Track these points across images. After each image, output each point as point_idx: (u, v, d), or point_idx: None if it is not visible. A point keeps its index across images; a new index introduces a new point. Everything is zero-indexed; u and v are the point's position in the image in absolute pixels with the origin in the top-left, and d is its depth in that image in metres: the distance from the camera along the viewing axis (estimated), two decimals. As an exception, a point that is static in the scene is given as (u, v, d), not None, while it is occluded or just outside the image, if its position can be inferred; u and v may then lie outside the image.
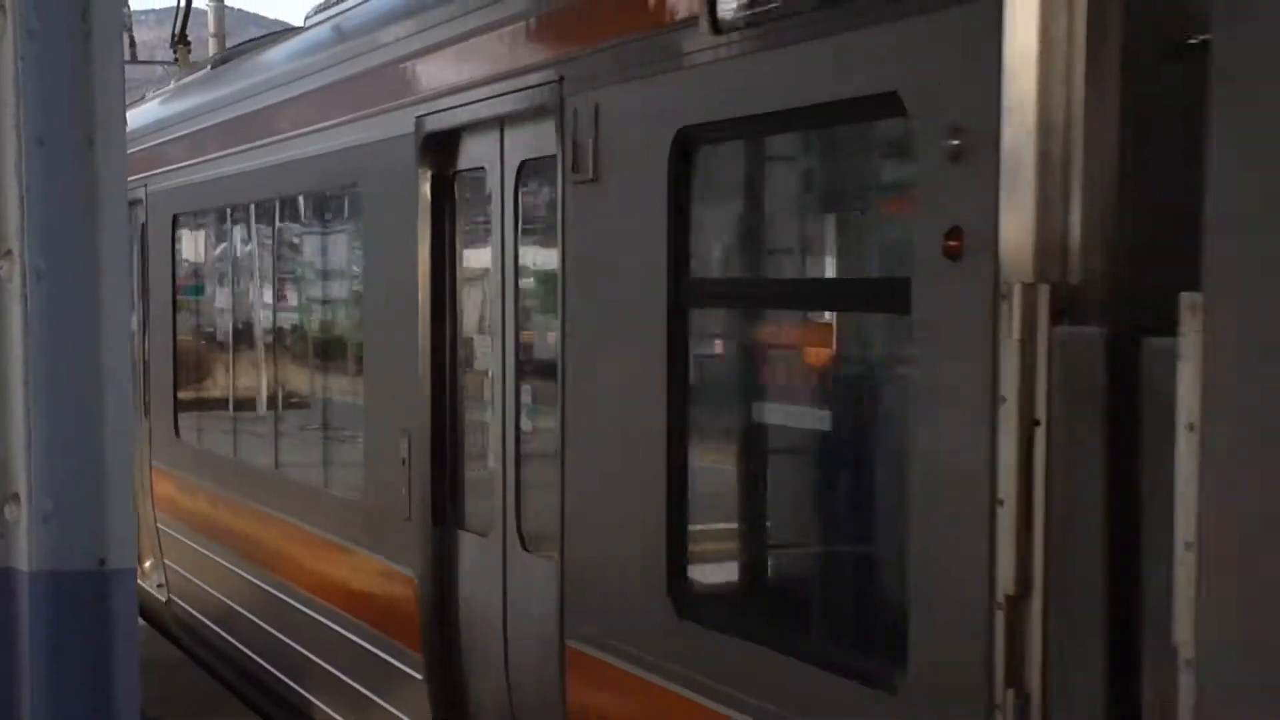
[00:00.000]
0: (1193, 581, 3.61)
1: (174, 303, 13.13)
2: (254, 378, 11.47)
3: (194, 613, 12.59)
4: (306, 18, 11.03)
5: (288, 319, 11.11)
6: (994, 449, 4.28)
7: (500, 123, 7.36)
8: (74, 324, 3.90)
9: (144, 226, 13.51)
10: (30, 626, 3.90)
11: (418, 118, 7.97)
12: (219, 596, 11.78)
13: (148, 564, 13.68)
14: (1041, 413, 4.18)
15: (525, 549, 7.25)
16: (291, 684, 10.23)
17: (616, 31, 6.23)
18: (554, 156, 6.67)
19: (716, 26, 5.55)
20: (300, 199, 10.50)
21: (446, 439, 7.98)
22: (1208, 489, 3.57)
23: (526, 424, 7.29)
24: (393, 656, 8.41)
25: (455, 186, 7.95)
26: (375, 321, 8.87)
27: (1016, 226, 4.28)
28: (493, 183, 7.49)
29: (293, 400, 10.86)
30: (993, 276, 4.32)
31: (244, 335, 11.77)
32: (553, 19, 6.81)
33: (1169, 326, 3.66)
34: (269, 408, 11.08)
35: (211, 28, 28.26)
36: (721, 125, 5.74)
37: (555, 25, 6.80)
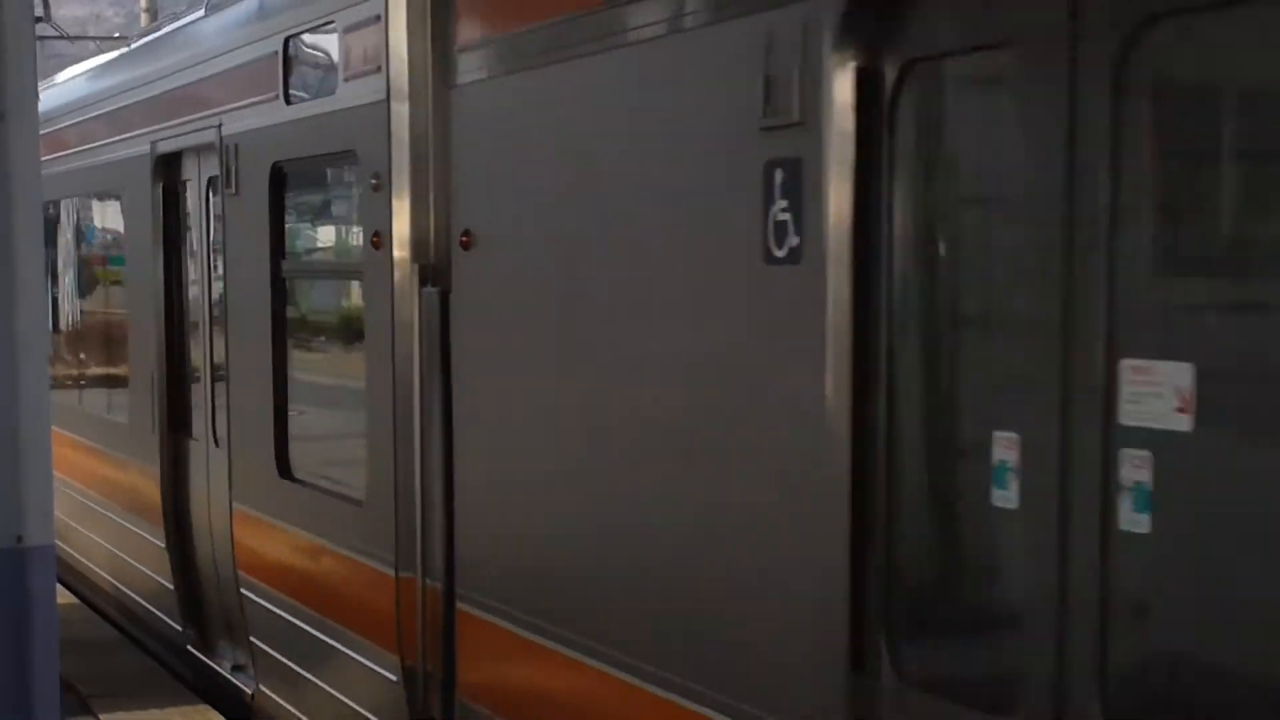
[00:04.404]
0: None
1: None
2: (69, 339, 14.59)
3: None
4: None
5: (89, 296, 14.23)
6: None
7: (198, 150, 10.47)
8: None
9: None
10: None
11: (152, 142, 11.08)
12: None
13: None
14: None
15: (217, 445, 10.39)
16: (99, 570, 13.36)
17: (244, 94, 9.37)
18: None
19: (288, 99, 8.71)
20: (97, 198, 13.60)
21: (178, 373, 11.13)
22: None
23: (219, 358, 10.43)
24: (147, 534, 11.58)
25: (178, 193, 11.07)
26: (133, 295, 12.01)
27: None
28: (195, 191, 10.61)
29: (94, 354, 13.97)
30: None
31: (63, 304, 14.89)
32: (217, 83, 9.93)
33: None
34: (80, 360, 14.20)
35: (143, 2, 29.94)
36: (293, 162, 8.90)
37: (218, 86, 9.91)
